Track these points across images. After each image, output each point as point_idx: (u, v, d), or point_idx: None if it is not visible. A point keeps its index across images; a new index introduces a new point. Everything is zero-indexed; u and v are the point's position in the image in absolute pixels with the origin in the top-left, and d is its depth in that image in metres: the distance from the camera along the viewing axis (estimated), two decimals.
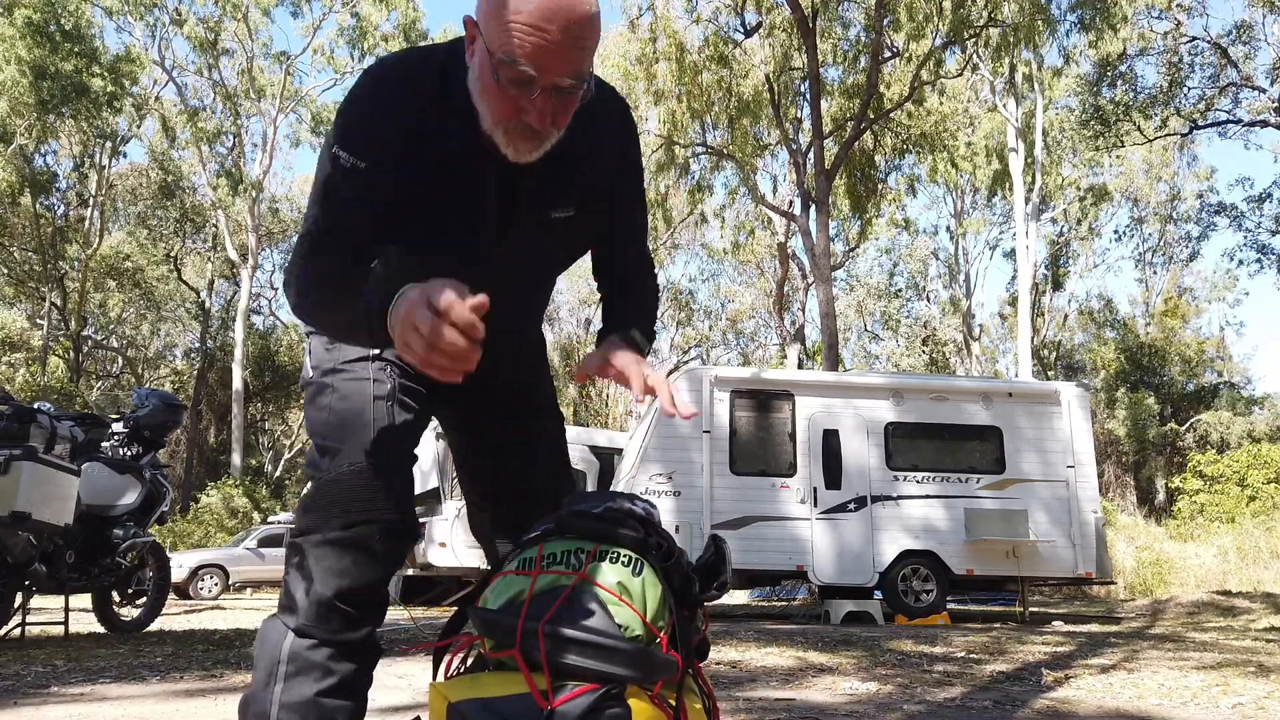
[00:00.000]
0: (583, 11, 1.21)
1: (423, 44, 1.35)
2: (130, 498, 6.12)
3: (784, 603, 15.82)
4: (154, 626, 6.73)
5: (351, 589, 1.41)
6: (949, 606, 10.21)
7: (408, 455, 1.49)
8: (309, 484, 1.46)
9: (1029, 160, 25.13)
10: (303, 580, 1.41)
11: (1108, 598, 16.28)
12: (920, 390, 10.46)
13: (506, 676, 1.29)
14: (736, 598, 17.10)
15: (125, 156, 31.75)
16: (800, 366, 29.49)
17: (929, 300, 39.38)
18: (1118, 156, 30.04)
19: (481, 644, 1.35)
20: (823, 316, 18.81)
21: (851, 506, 9.84)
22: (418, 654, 4.41)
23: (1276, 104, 23.09)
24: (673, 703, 1.27)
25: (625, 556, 1.32)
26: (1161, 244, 36.29)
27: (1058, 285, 35.49)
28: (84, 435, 5.92)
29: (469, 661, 1.41)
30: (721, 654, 5.13)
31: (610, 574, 1.29)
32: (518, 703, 1.24)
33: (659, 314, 1.75)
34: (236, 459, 28.44)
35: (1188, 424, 31.78)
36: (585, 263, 1.68)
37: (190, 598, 15.92)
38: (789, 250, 30.52)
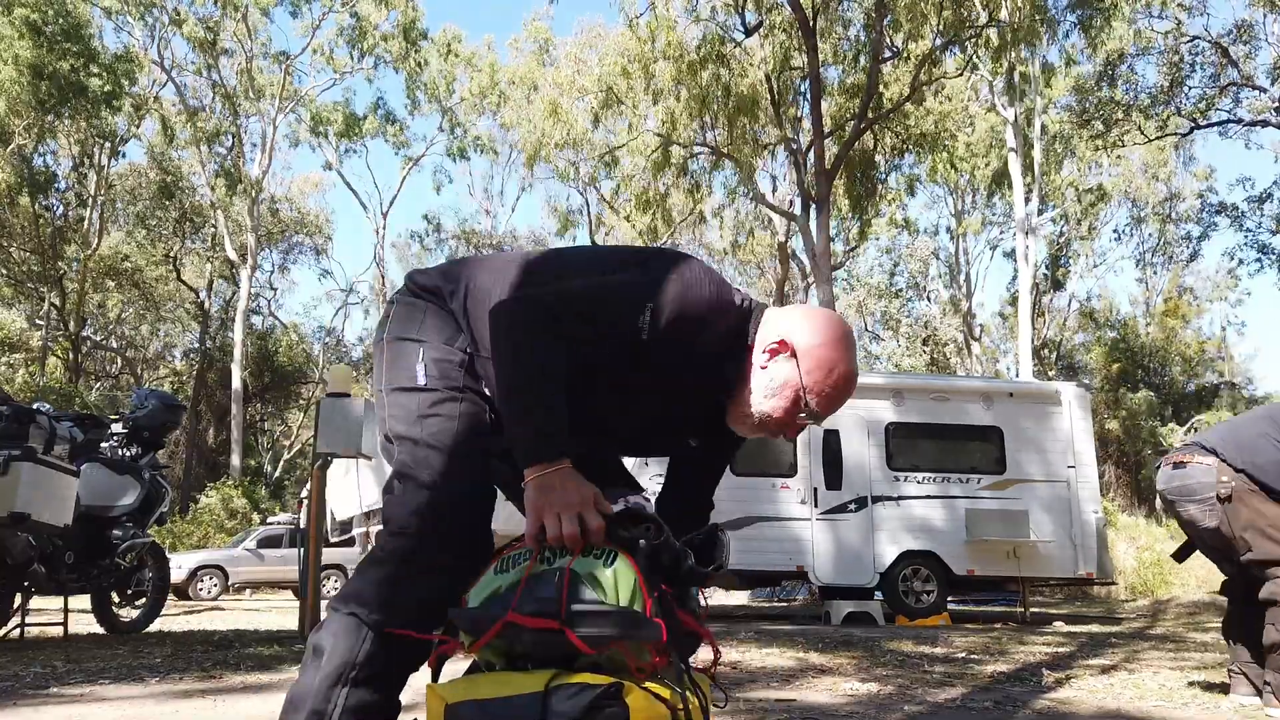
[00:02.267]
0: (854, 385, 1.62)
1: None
2: (129, 498, 6.10)
3: (784, 603, 15.81)
4: (153, 627, 6.71)
5: (451, 606, 1.44)
6: (950, 607, 10.19)
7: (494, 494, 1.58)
8: (408, 482, 1.49)
9: (1028, 160, 25.13)
10: (425, 594, 1.43)
11: (1108, 598, 16.27)
12: (921, 390, 10.44)
13: (503, 678, 1.29)
14: (737, 598, 17.08)
15: (124, 156, 31.63)
16: None
17: (929, 300, 39.36)
18: (1117, 157, 30.03)
19: (463, 646, 1.35)
20: None
21: (852, 507, 9.82)
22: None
23: (1277, 104, 23.08)
24: (666, 696, 1.26)
25: (596, 549, 1.34)
26: (1161, 244, 36.26)
27: (1058, 285, 35.45)
28: (83, 436, 5.90)
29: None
30: (721, 654, 5.11)
31: (580, 566, 1.31)
32: (514, 704, 1.23)
33: None
34: (235, 460, 28.40)
35: (1189, 424, 31.74)
36: None
37: (189, 599, 15.90)
38: (789, 250, 30.51)
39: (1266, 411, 3.59)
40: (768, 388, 1.58)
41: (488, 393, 1.58)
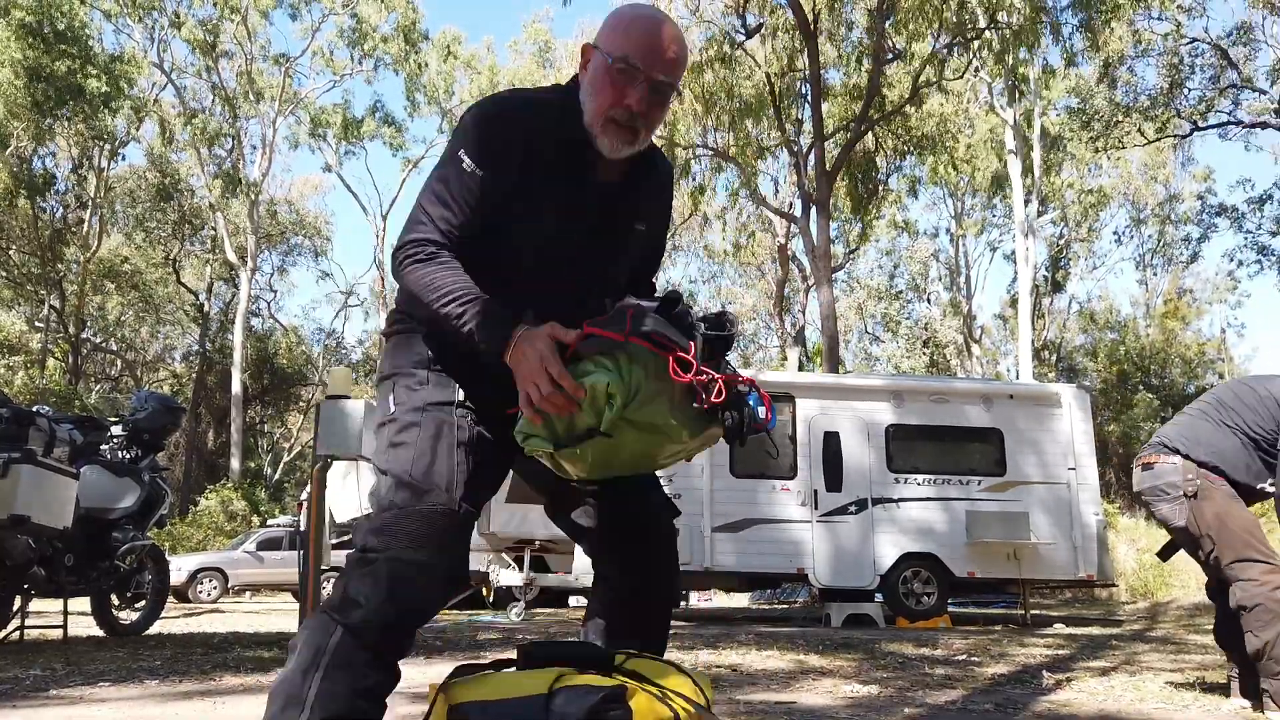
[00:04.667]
0: (677, 32, 1.61)
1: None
2: (129, 501, 6.10)
3: (784, 605, 15.81)
4: (153, 630, 6.70)
5: (417, 610, 1.52)
6: (950, 609, 10.19)
7: (479, 509, 1.62)
8: (382, 511, 1.57)
9: (1028, 162, 25.14)
10: (374, 587, 1.48)
11: (1109, 600, 16.26)
12: (921, 392, 10.44)
13: (508, 679, 1.29)
14: (737, 600, 17.07)
15: (124, 159, 31.63)
16: (801, 368, 29.48)
17: (929, 302, 39.37)
18: (1117, 159, 30.04)
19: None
20: (823, 318, 18.81)
21: (852, 509, 9.82)
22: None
23: (1277, 105, 23.10)
24: (672, 701, 1.25)
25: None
26: (1161, 245, 36.27)
27: (1058, 287, 35.47)
28: (83, 438, 5.89)
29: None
30: (721, 657, 5.11)
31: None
32: (519, 705, 1.23)
33: None
34: (235, 462, 28.39)
35: None
36: None
37: (189, 601, 15.89)
38: (789, 252, 30.54)
39: (1213, 396, 3.58)
40: (588, 91, 1.60)
41: (457, 388, 1.64)
